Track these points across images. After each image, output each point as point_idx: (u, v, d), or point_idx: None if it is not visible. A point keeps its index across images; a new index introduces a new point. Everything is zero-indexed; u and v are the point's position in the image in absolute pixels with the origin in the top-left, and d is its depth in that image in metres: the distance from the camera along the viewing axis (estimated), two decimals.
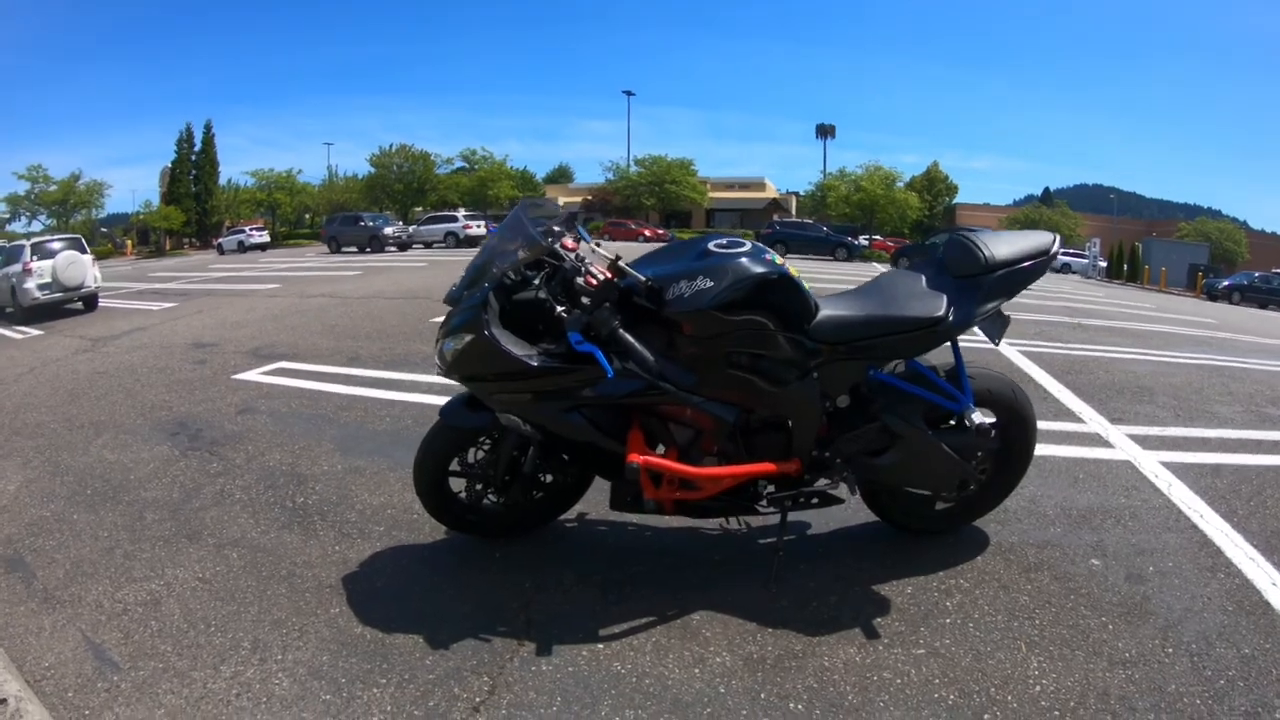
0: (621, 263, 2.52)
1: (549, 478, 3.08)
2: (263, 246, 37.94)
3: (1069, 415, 5.10)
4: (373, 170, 53.16)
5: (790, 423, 2.69)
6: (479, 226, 30.88)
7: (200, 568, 3.10)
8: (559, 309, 2.55)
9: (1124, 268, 35.00)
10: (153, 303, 13.80)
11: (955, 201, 57.86)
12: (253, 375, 6.62)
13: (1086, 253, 38.25)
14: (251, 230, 40.06)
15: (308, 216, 55.54)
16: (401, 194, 51.97)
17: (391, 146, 52.77)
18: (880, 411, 2.71)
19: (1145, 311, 15.37)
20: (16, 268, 12.97)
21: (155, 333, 9.77)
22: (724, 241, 2.62)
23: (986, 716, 2.12)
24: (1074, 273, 35.37)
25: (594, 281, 2.60)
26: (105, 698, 2.32)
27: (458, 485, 3.08)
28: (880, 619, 2.59)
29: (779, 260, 2.59)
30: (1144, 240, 42.82)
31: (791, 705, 2.18)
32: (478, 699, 2.25)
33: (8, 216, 45.69)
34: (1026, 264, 2.73)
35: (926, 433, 2.72)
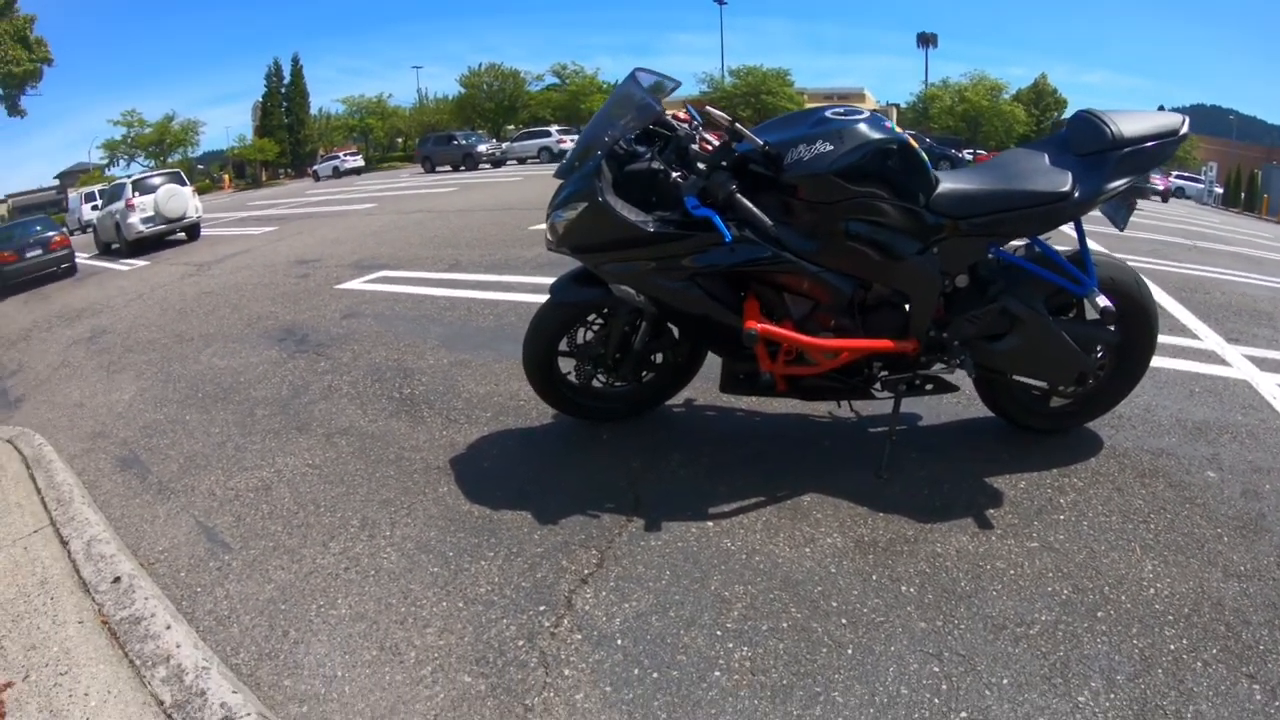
0: (738, 126, 2.45)
1: (659, 358, 3.07)
2: (357, 170, 38.60)
3: (1185, 331, 4.84)
4: (463, 91, 53.02)
5: (908, 300, 2.60)
6: (573, 141, 30.65)
7: (310, 455, 3.22)
8: (674, 175, 2.50)
9: (1241, 195, 32.76)
10: (253, 228, 14.27)
11: (1064, 117, 54.62)
12: (355, 284, 6.80)
13: (1202, 177, 35.79)
14: (345, 156, 40.71)
15: (400, 140, 56.02)
16: (492, 113, 51.73)
17: (481, 66, 52.50)
18: (1000, 293, 2.60)
19: (1263, 240, 14.41)
20: (119, 205, 13.65)
21: (258, 254, 10.09)
22: (841, 109, 2.51)
23: (1100, 614, 2.06)
24: (1188, 197, 33.07)
25: (709, 147, 2.53)
26: (216, 575, 2.45)
27: (566, 367, 3.10)
28: (993, 510, 2.54)
29: (898, 129, 2.48)
30: (1264, 167, 39.73)
31: (904, 588, 2.17)
32: (586, 571, 2.30)
33: (106, 162, 46.88)
34: (1152, 143, 2.54)
35: (1048, 318, 2.60)
